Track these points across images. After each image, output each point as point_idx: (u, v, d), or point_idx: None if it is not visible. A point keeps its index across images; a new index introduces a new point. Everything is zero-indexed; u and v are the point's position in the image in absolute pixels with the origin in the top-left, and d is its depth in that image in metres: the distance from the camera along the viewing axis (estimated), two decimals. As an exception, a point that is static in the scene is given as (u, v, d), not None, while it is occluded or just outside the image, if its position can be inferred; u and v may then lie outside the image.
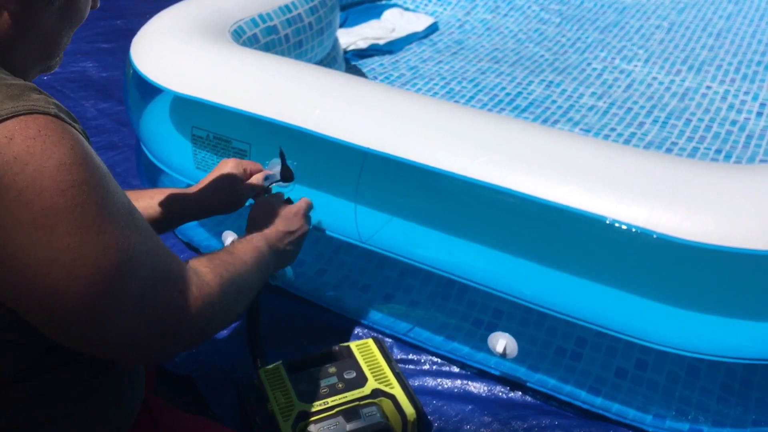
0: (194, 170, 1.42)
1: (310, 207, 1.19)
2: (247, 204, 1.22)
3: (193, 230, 1.60)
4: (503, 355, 1.23)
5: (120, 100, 2.32)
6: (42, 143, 0.63)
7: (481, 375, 1.31)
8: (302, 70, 1.41)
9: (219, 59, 1.40)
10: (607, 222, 1.06)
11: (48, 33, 0.77)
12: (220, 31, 1.57)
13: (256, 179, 1.22)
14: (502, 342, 1.22)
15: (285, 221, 1.11)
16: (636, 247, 1.11)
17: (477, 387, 1.29)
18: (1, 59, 0.71)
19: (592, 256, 1.17)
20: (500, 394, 1.27)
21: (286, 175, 1.24)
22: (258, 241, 1.03)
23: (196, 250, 1.60)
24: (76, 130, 0.70)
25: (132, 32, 2.84)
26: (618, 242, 1.12)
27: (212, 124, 1.39)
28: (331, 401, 1.14)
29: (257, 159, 1.31)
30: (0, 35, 0.72)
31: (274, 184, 1.25)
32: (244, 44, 1.64)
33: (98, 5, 0.83)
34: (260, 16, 1.74)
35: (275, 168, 1.25)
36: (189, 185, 1.25)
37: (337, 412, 1.12)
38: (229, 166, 1.20)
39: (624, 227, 1.05)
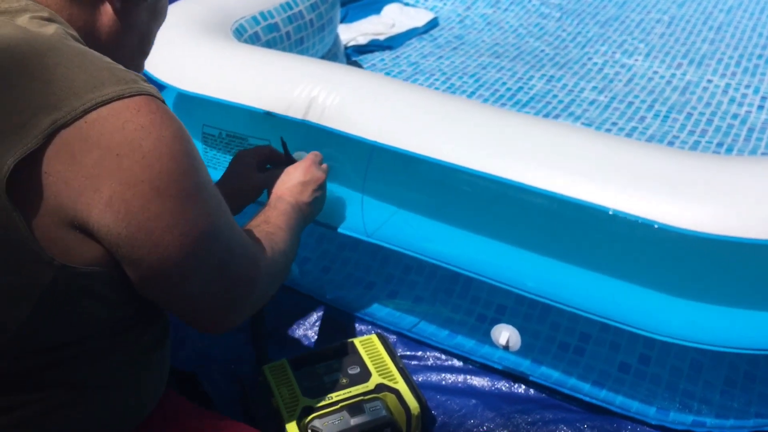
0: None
1: (318, 157, 1.20)
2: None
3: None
4: (506, 347, 1.23)
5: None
6: (160, 117, 0.73)
7: (484, 369, 1.31)
8: (307, 64, 1.41)
9: (225, 57, 1.40)
10: (610, 213, 1.06)
11: (143, 30, 0.88)
12: (222, 30, 1.57)
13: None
14: (505, 334, 1.23)
15: (298, 176, 1.15)
16: (638, 238, 1.11)
17: (480, 381, 1.29)
18: (111, 56, 0.77)
19: (595, 247, 1.18)
20: (503, 388, 1.28)
21: (289, 164, 1.24)
22: (283, 205, 1.09)
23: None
24: None
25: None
26: (620, 233, 1.13)
27: (225, 122, 1.39)
28: (336, 396, 1.15)
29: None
30: (105, 30, 0.83)
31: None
32: (245, 42, 1.64)
33: None
34: (261, 13, 1.74)
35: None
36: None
37: (341, 407, 1.13)
38: (244, 158, 1.22)
39: (626, 218, 1.06)
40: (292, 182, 1.14)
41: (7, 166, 0.67)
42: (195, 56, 1.41)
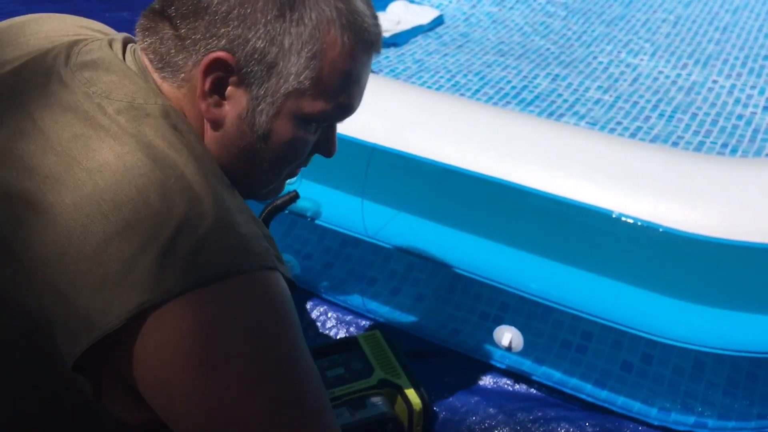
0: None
1: None
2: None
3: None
4: (509, 348, 1.24)
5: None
6: (262, 306, 0.64)
7: (486, 367, 1.31)
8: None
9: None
10: (613, 216, 1.06)
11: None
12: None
13: None
14: (507, 335, 1.23)
15: None
16: (642, 241, 1.11)
17: (482, 379, 1.29)
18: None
19: (599, 250, 1.18)
20: (505, 386, 1.28)
21: None
22: None
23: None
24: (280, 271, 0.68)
25: (138, 24, 2.84)
26: (624, 236, 1.13)
27: None
28: (338, 391, 1.15)
29: None
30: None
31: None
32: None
33: None
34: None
35: None
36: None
37: (344, 402, 1.13)
38: None
39: (630, 221, 1.06)
40: None
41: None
42: None
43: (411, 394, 1.16)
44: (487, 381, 1.29)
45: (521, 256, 1.24)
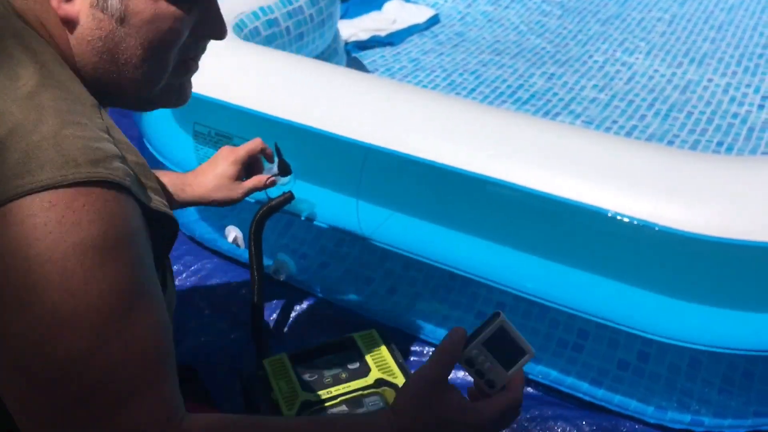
0: (196, 165, 1.42)
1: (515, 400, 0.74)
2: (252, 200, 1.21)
3: (196, 224, 1.61)
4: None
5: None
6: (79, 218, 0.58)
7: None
8: (303, 66, 1.41)
9: (220, 54, 1.40)
10: (609, 215, 1.06)
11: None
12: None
13: (257, 180, 1.14)
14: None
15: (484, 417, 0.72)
16: (638, 240, 1.11)
17: (479, 378, 1.29)
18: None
19: (595, 249, 1.18)
20: (502, 385, 1.28)
21: (284, 169, 1.22)
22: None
23: (199, 244, 1.60)
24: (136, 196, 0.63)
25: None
26: (620, 235, 1.13)
27: (214, 121, 1.39)
28: (335, 390, 1.15)
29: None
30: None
31: (272, 179, 1.22)
32: (245, 37, 1.64)
33: None
34: (261, 8, 1.74)
35: (273, 167, 1.22)
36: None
37: (340, 401, 1.13)
38: (228, 158, 1.12)
39: (626, 220, 1.06)
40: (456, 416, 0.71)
41: None
42: None
43: (408, 393, 1.16)
44: (483, 380, 1.29)
45: (517, 255, 1.23)
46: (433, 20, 2.84)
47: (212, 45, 0.77)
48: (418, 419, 0.69)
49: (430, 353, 1.36)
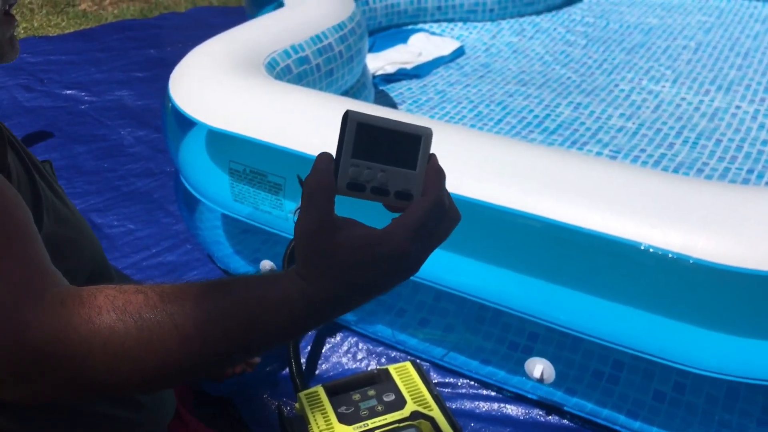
0: (232, 202, 1.45)
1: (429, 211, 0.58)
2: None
3: (231, 258, 1.64)
4: (540, 380, 1.24)
5: (156, 127, 2.38)
6: None
7: (518, 398, 1.32)
8: (330, 103, 1.45)
9: (253, 94, 1.44)
10: (643, 248, 1.07)
11: None
12: (255, 64, 1.61)
13: None
14: (539, 367, 1.23)
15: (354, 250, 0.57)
16: (673, 272, 1.11)
17: (514, 410, 1.29)
18: None
19: (630, 282, 1.18)
20: (538, 417, 1.28)
21: None
22: (288, 286, 0.58)
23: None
24: None
25: (165, 61, 2.91)
26: (655, 267, 1.13)
27: (249, 158, 1.43)
28: (371, 423, 1.16)
29: (293, 192, 1.34)
30: None
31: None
32: (277, 75, 1.69)
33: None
34: (293, 47, 1.79)
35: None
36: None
37: (376, 435, 1.14)
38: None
39: (660, 253, 1.06)
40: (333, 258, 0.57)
41: None
42: (224, 93, 1.45)
43: (444, 425, 1.17)
44: (519, 412, 1.29)
45: (549, 288, 1.24)
46: (459, 52, 2.88)
47: (245, 85, 0.78)
48: (319, 278, 0.56)
49: (464, 385, 1.37)
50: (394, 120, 0.56)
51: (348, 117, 0.55)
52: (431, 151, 0.58)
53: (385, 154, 0.56)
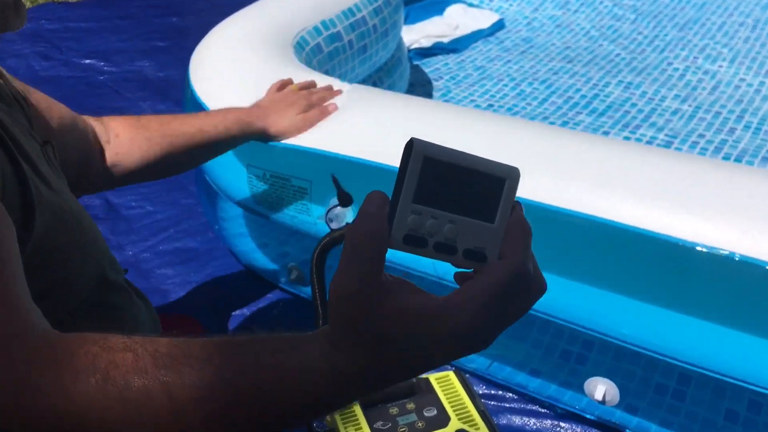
0: (254, 204, 1.32)
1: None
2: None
3: (254, 254, 1.51)
4: (602, 402, 1.10)
5: (177, 100, 2.25)
6: None
7: (572, 417, 1.18)
8: (364, 94, 1.30)
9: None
10: (737, 258, 0.92)
11: None
12: (282, 45, 1.47)
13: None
14: (601, 388, 1.09)
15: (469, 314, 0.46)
16: (746, 279, 0.98)
17: (569, 429, 1.16)
18: None
19: (707, 292, 1.04)
20: (596, 438, 1.15)
21: (344, 199, 1.13)
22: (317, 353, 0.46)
23: (260, 279, 1.51)
24: None
25: (187, 30, 2.77)
26: (729, 276, 0.99)
27: (269, 161, 1.29)
28: (412, 444, 1.04)
29: (319, 197, 1.21)
30: None
31: (336, 217, 1.15)
32: (307, 56, 1.54)
33: None
34: (323, 23, 1.64)
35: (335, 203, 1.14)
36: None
37: (417, 456, 1.02)
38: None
39: (754, 264, 0.92)
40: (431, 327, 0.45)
41: None
42: (247, 85, 1.31)
43: (492, 447, 1.04)
44: (574, 431, 1.16)
45: (608, 297, 1.11)
46: (498, 25, 2.71)
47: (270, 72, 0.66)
48: (356, 351, 0.44)
49: (512, 398, 1.24)
50: (472, 155, 0.44)
51: (413, 149, 0.42)
52: (516, 199, 0.46)
53: (457, 199, 0.44)
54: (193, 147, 1.05)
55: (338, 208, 1.16)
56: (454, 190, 0.43)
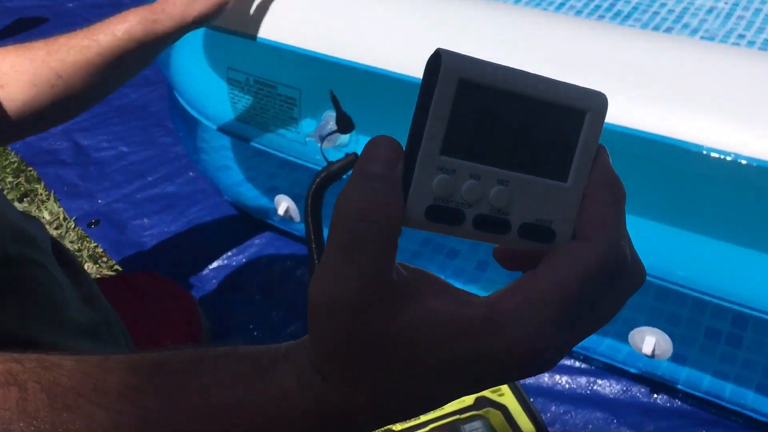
0: (235, 122, 1.14)
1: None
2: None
3: (241, 186, 1.33)
4: (652, 356, 0.94)
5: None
6: None
7: (612, 371, 1.02)
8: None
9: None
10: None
11: None
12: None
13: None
14: (650, 340, 0.92)
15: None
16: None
17: (608, 387, 1.01)
18: None
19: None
20: (640, 396, 0.99)
21: (344, 124, 0.96)
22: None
23: (245, 215, 1.34)
24: None
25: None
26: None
27: (252, 64, 1.10)
28: (424, 416, 0.89)
29: (309, 107, 1.02)
30: None
31: (329, 137, 0.97)
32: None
33: None
34: None
35: (329, 121, 0.97)
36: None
37: (431, 429, 0.88)
38: None
39: None
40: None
41: None
42: None
43: (520, 416, 0.89)
44: (615, 390, 1.00)
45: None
46: (506, -76, 2.44)
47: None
48: (354, 385, 0.29)
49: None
50: (533, 75, 0.27)
51: (442, 67, 0.26)
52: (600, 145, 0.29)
53: (510, 147, 0.27)
54: (90, 64, 0.83)
55: (336, 134, 0.99)
56: (505, 133, 0.27)
